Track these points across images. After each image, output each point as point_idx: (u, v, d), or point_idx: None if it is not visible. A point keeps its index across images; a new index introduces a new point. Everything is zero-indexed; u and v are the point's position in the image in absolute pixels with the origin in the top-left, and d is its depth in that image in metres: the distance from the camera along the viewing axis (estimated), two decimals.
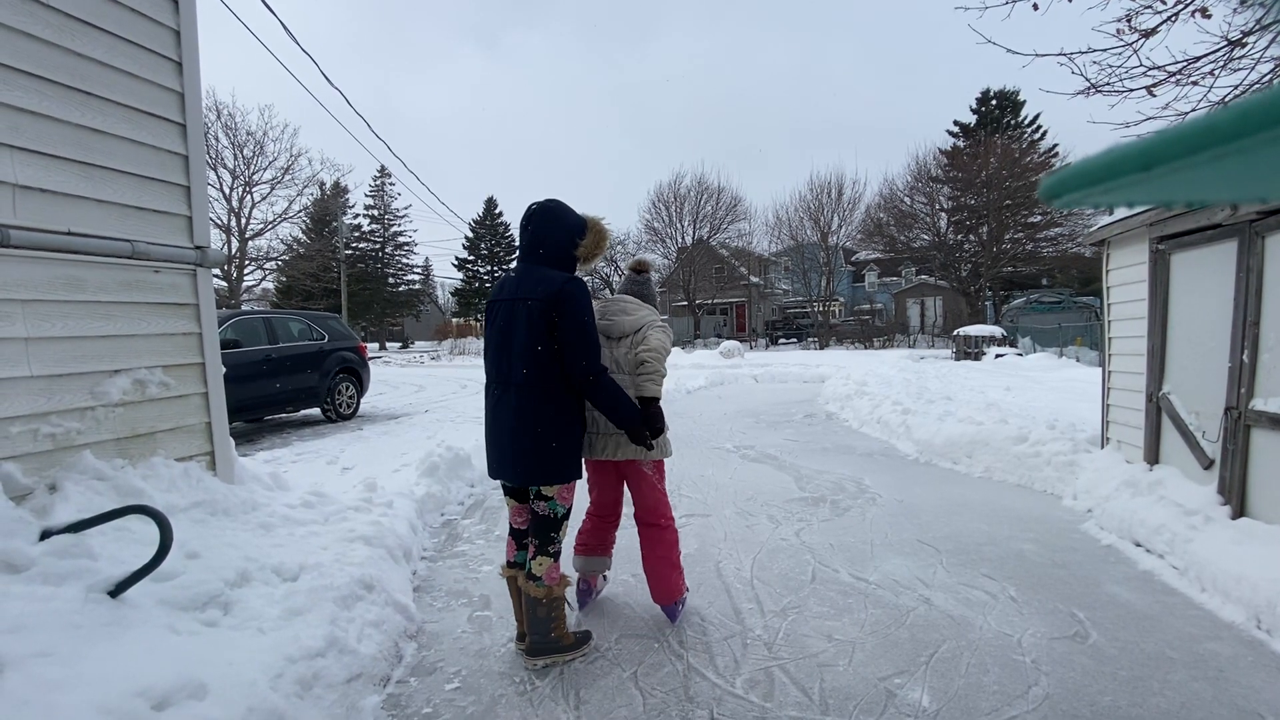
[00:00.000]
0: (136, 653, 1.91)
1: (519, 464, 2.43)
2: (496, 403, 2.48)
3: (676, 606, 2.87)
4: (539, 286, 2.37)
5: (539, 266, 2.45)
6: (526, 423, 2.39)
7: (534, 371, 2.38)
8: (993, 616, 2.82)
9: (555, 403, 2.42)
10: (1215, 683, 2.30)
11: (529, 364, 2.37)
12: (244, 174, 26.23)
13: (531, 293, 2.37)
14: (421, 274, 49.89)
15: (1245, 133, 0.35)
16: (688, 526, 4.14)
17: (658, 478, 2.85)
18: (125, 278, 3.11)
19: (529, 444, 2.39)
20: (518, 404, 2.40)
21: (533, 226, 2.48)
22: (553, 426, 2.41)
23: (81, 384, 2.90)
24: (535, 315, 2.35)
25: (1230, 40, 3.88)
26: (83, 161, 2.90)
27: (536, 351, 2.37)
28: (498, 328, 2.46)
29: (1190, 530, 3.28)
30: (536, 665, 2.51)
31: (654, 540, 2.84)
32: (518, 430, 2.40)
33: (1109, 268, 4.96)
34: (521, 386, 2.39)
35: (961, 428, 5.92)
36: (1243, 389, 3.30)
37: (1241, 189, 0.47)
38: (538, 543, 2.51)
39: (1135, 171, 0.41)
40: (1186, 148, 0.38)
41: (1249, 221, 3.29)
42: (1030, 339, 19.64)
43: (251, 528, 3.07)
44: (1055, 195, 0.48)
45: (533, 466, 2.42)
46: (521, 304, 2.38)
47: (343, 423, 9.30)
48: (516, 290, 2.42)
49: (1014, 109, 32.76)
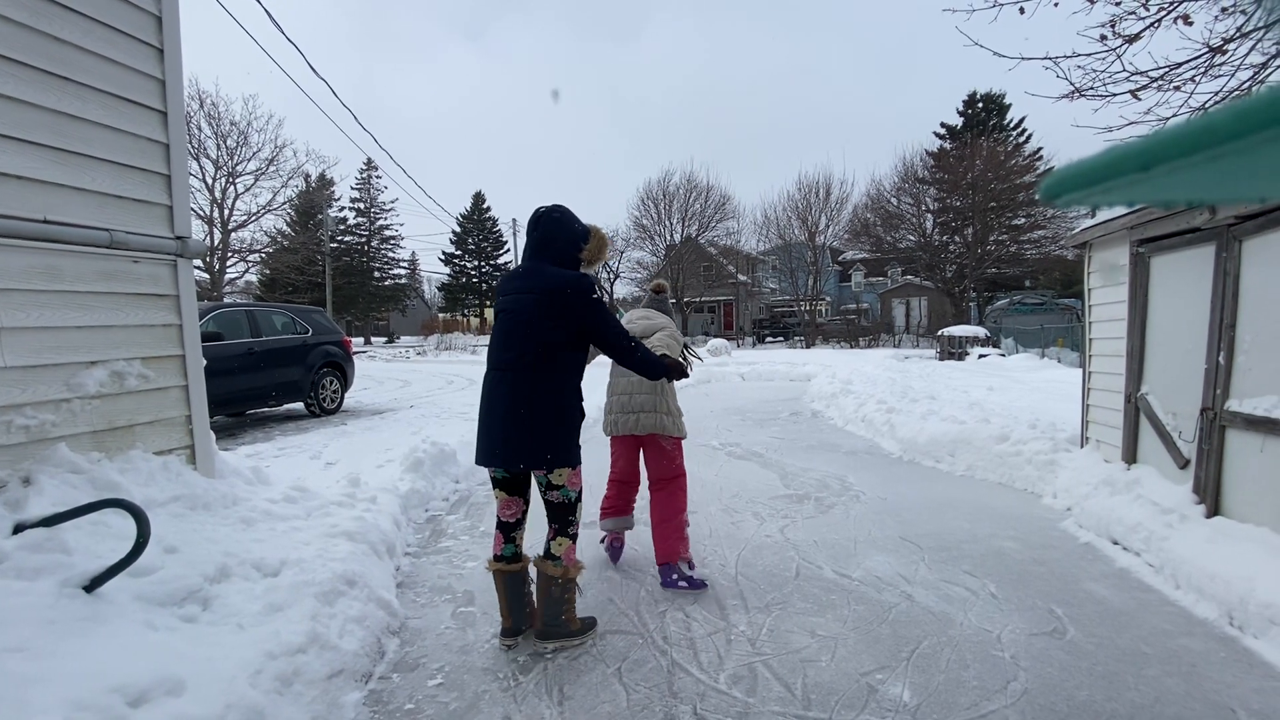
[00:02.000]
0: (112, 648, 1.88)
1: (512, 446, 2.47)
2: (493, 385, 2.56)
3: (671, 573, 3.17)
4: (545, 280, 2.53)
5: (545, 264, 2.59)
6: (523, 403, 2.46)
7: (535, 357, 2.48)
8: (973, 613, 2.86)
9: (555, 387, 2.51)
10: (1188, 678, 2.34)
11: (531, 350, 2.48)
12: (227, 164, 25.81)
13: (537, 285, 2.52)
14: (408, 268, 49.48)
15: (1244, 133, 0.35)
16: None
17: (676, 452, 3.33)
18: (103, 267, 3.05)
19: (526, 426, 2.46)
20: (514, 385, 2.49)
21: (541, 229, 2.63)
22: (552, 410, 2.49)
23: (57, 375, 2.85)
24: (542, 305, 2.49)
25: (1212, 47, 3.95)
26: (59, 148, 2.84)
27: (540, 339, 2.48)
28: (505, 320, 2.58)
29: (1166, 528, 3.34)
30: (547, 649, 2.58)
31: (663, 502, 3.27)
32: (514, 410, 2.46)
33: (1090, 270, 5.03)
34: (521, 369, 2.49)
35: (944, 426, 5.98)
36: (1218, 390, 3.36)
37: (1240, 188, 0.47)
38: (557, 526, 2.64)
39: (1134, 171, 0.41)
40: (1185, 148, 0.38)
41: (1226, 226, 3.35)
42: (1013, 340, 19.87)
43: (232, 523, 3.03)
44: (1056, 194, 0.48)
45: (531, 448, 2.47)
46: (528, 295, 2.53)
47: (326, 417, 9.21)
48: (524, 284, 2.57)
49: (1000, 112, 33.12)
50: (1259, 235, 3.16)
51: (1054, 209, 19.86)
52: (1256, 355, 3.15)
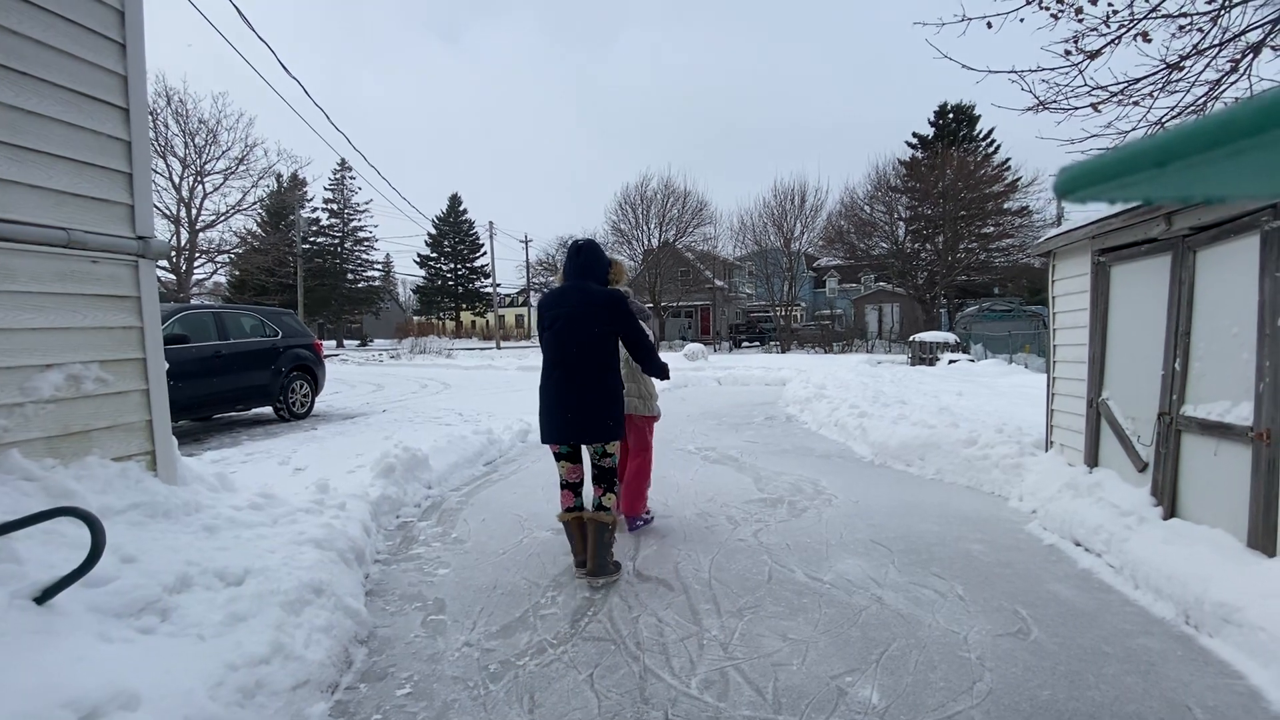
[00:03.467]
0: (64, 662, 1.82)
1: (584, 428, 3.23)
2: (561, 380, 3.24)
3: (636, 521, 4.15)
4: (596, 296, 3.28)
5: (588, 284, 3.33)
6: (588, 391, 3.21)
7: (595, 355, 3.23)
8: (941, 614, 2.90)
9: (611, 377, 3.29)
10: (1146, 676, 2.41)
11: (592, 350, 3.23)
12: (195, 163, 25.18)
13: (593, 301, 3.26)
14: (382, 270, 48.84)
15: (1265, 128, 0.35)
16: (647, 528, 4.16)
17: (646, 428, 4.21)
18: (60, 268, 2.96)
19: (593, 411, 3.21)
20: (575, 376, 3.21)
21: (583, 257, 3.39)
22: (611, 396, 3.27)
23: (10, 379, 2.75)
24: (598, 316, 3.24)
25: (1169, 64, 4.09)
26: (15, 144, 2.76)
27: (597, 342, 3.24)
28: (560, 326, 3.25)
29: (1125, 530, 3.43)
30: (598, 584, 3.25)
31: (637, 469, 4.12)
32: (581, 398, 3.21)
33: (1054, 278, 5.16)
34: (580, 364, 3.21)
35: (915, 431, 6.08)
36: (1175, 395, 3.47)
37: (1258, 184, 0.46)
38: (605, 485, 3.38)
39: (1150, 168, 0.41)
40: (1203, 143, 0.38)
41: (1182, 237, 3.47)
42: (982, 345, 20.29)
43: (194, 530, 2.95)
44: (1069, 191, 0.47)
45: (597, 428, 3.24)
46: (584, 306, 3.24)
47: (296, 422, 9.02)
48: (578, 299, 3.27)
49: (970, 123, 33.87)
50: (1212, 246, 3.28)
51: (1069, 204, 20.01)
52: (1210, 362, 3.27)
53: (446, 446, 5.98)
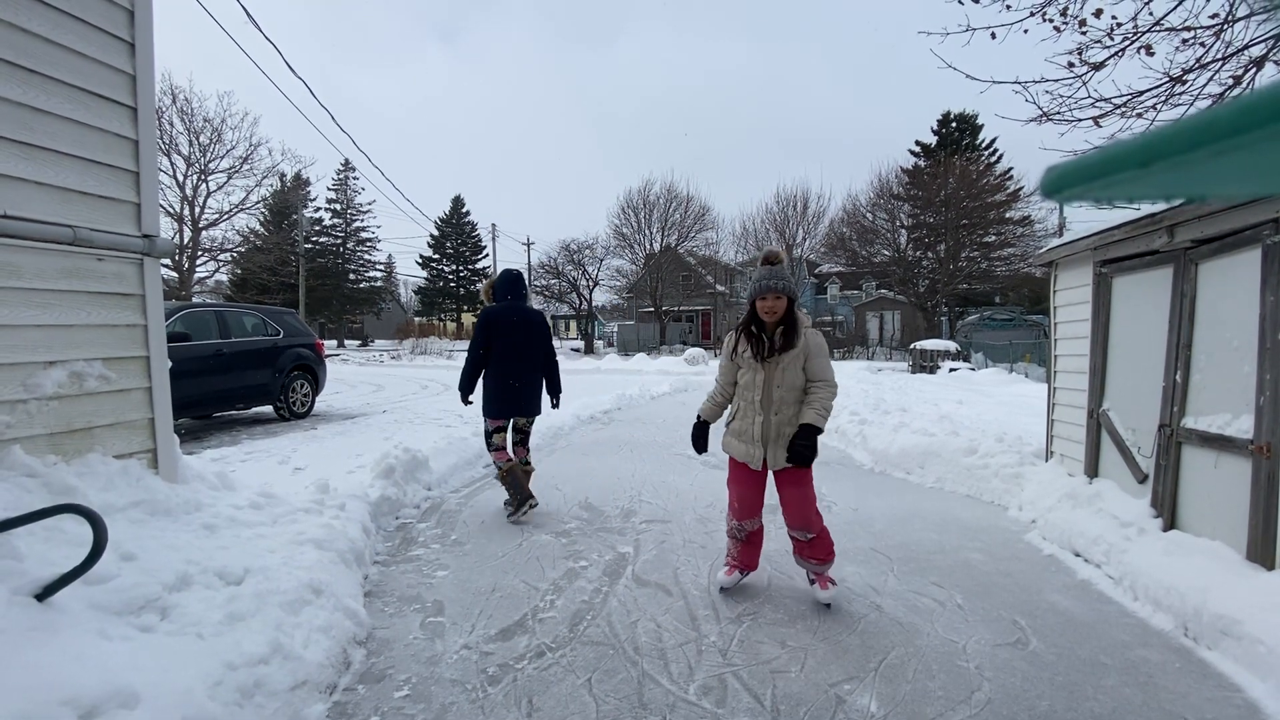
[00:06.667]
0: (63, 659, 1.82)
1: (533, 406, 4.56)
2: (522, 375, 4.44)
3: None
4: (535, 314, 4.60)
5: (526, 303, 4.61)
6: (539, 385, 4.58)
7: (539, 354, 4.55)
8: (940, 623, 2.90)
9: (542, 372, 4.63)
10: (1145, 688, 2.40)
11: (540, 355, 4.55)
12: (200, 162, 25.27)
13: (537, 317, 4.59)
14: (384, 271, 48.91)
15: (1246, 129, 0.35)
16: (647, 532, 4.15)
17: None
18: (66, 265, 2.97)
19: (536, 394, 4.57)
20: (531, 371, 4.50)
21: (520, 283, 4.62)
22: (540, 385, 4.61)
23: (13, 376, 2.76)
24: (543, 329, 4.59)
25: (1172, 77, 4.10)
26: (23, 142, 2.77)
27: (539, 344, 4.54)
28: (517, 337, 4.42)
29: (1125, 541, 3.43)
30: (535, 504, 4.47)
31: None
32: (536, 389, 4.55)
33: (1056, 288, 5.17)
34: (537, 368, 4.54)
35: (915, 439, 6.08)
36: (1175, 407, 3.47)
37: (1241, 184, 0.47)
38: (527, 448, 4.74)
39: (1134, 167, 0.41)
40: (1186, 143, 0.38)
41: (1184, 249, 3.48)
42: (983, 354, 20.30)
43: (194, 529, 2.96)
44: (1055, 190, 0.48)
45: (537, 406, 4.61)
46: (535, 324, 4.55)
47: (296, 421, 9.03)
48: (527, 315, 4.53)
49: (973, 132, 33.95)
50: (1214, 259, 3.29)
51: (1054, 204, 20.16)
52: (1211, 374, 3.27)
53: (446, 448, 5.98)
